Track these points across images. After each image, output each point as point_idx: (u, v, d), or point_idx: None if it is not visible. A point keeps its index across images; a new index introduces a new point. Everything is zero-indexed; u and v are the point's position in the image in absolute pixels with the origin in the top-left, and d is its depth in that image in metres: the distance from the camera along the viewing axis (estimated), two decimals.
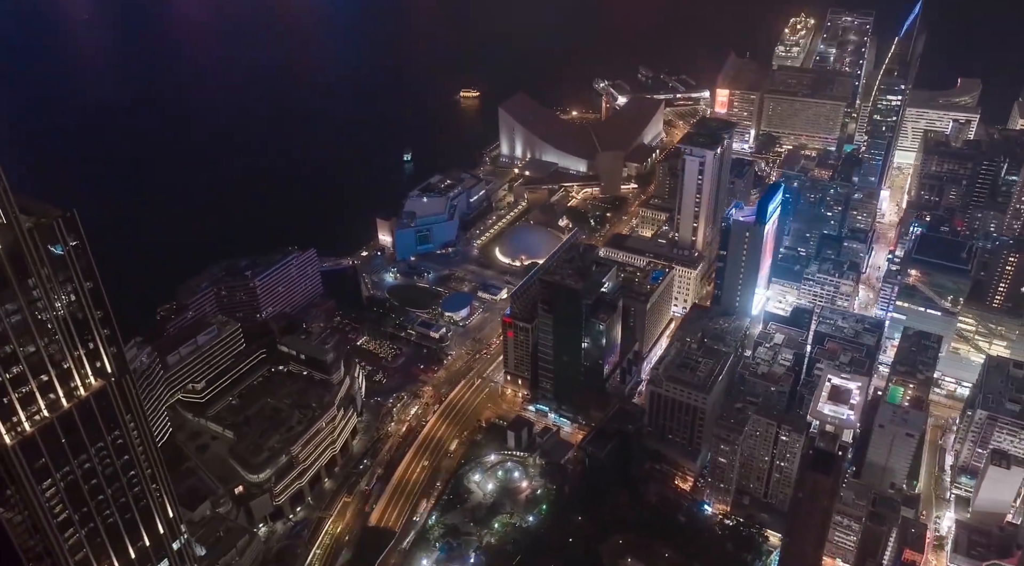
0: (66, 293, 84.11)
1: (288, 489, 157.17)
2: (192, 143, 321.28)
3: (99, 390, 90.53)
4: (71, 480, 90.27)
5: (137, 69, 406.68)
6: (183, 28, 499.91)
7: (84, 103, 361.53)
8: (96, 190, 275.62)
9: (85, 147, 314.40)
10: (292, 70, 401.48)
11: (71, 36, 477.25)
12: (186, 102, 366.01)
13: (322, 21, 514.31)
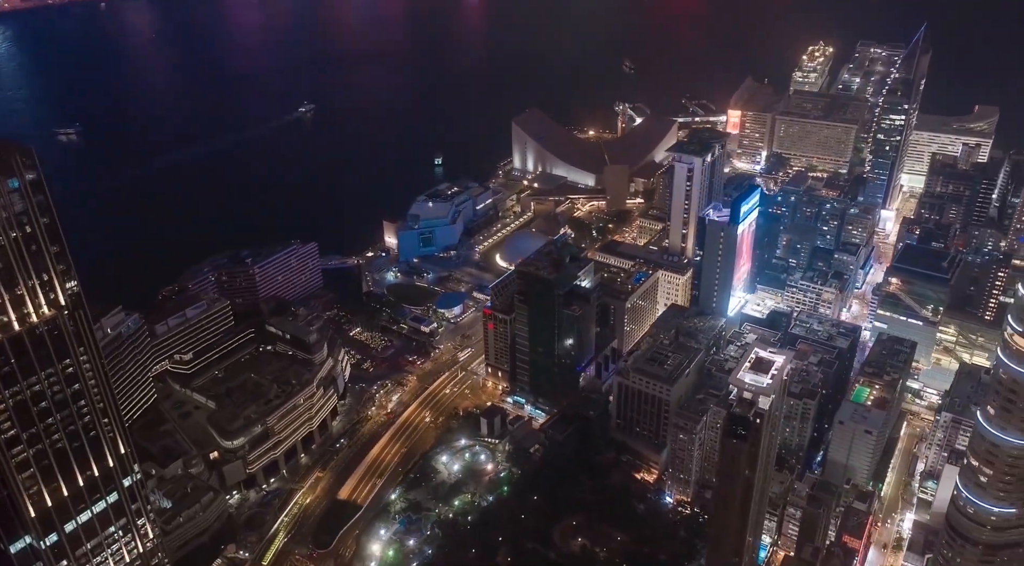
0: (21, 224, 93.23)
1: (261, 458, 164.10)
2: (238, 147, 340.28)
3: (51, 319, 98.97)
4: (20, 400, 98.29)
5: (191, 78, 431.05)
6: (235, 41, 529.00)
7: (144, 105, 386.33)
8: (140, 182, 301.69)
9: (138, 147, 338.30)
10: (341, 80, 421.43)
11: (141, 51, 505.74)
12: (232, 107, 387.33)
13: (374, 33, 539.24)
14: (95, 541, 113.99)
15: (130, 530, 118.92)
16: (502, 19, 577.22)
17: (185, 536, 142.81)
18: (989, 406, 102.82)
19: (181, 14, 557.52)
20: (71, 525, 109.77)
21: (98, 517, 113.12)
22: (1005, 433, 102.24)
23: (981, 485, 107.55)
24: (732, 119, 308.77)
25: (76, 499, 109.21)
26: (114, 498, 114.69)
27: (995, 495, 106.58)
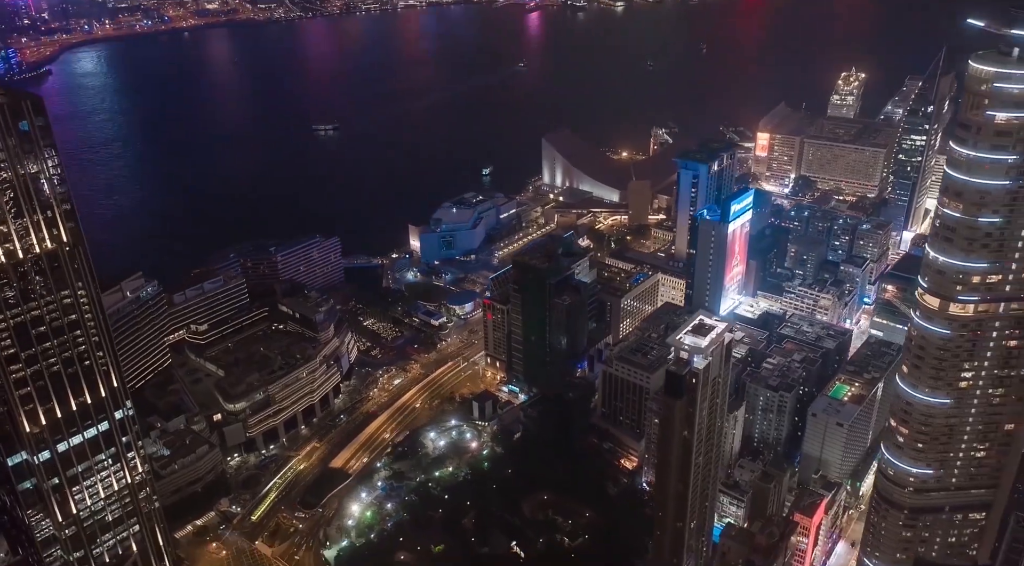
0: (29, 163, 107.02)
1: (261, 424, 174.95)
2: (301, 155, 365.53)
3: (52, 252, 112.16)
4: (20, 322, 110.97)
5: (269, 93, 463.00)
6: (308, 60, 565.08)
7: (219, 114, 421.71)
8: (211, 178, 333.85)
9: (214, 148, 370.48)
10: (407, 94, 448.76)
11: (225, 74, 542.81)
12: (304, 116, 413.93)
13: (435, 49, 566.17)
14: (85, 464, 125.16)
15: (119, 460, 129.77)
16: (560, 38, 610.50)
17: (178, 482, 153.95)
18: (903, 365, 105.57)
19: (259, 42, 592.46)
20: (63, 445, 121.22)
21: (89, 442, 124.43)
22: (916, 391, 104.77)
23: (899, 446, 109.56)
24: (760, 141, 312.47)
25: (68, 422, 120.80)
26: (105, 427, 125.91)
27: (911, 455, 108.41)
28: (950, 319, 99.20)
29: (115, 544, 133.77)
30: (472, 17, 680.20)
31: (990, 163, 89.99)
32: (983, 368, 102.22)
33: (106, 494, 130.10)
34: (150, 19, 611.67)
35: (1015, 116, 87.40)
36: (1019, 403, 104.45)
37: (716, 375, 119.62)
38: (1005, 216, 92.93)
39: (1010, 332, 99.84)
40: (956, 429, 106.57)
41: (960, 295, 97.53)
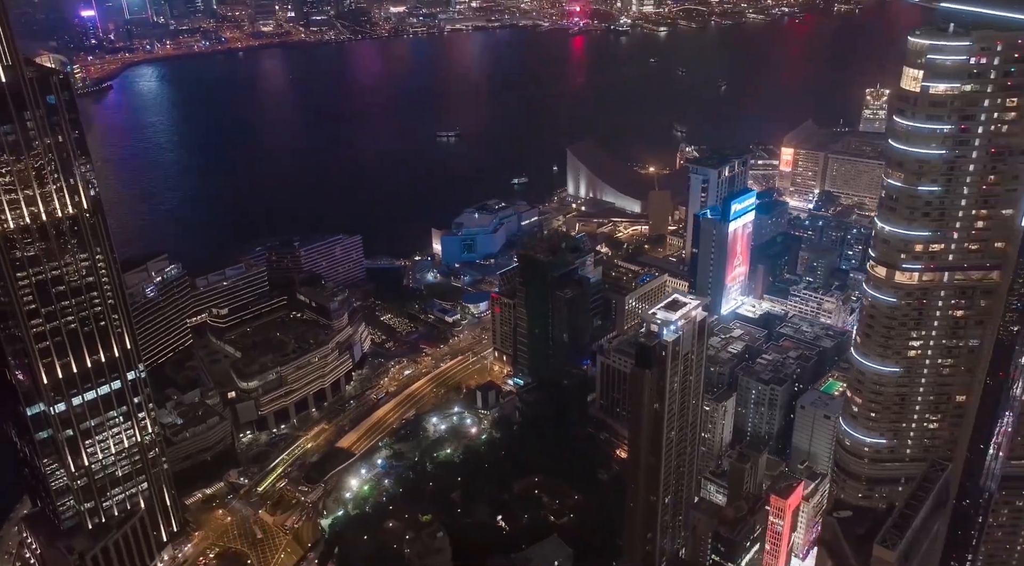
0: (54, 133, 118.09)
1: (273, 403, 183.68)
2: (347, 164, 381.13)
3: (72, 216, 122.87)
4: (41, 279, 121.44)
5: (324, 108, 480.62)
6: (356, 76, 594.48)
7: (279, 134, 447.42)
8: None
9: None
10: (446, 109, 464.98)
11: (278, 88, 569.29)
12: (352, 126, 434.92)
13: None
14: (97, 420, 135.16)
15: (130, 419, 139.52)
16: (602, 58, 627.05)
17: (189, 450, 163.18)
18: (856, 336, 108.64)
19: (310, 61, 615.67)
20: (78, 399, 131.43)
21: (102, 398, 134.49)
22: (867, 360, 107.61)
23: (854, 415, 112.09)
24: (785, 157, 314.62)
25: (83, 378, 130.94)
26: (117, 386, 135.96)
27: (865, 424, 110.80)
28: (896, 287, 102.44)
29: (124, 499, 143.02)
30: (518, 40, 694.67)
31: (927, 133, 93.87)
32: (931, 337, 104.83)
33: (116, 450, 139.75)
34: (208, 40, 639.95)
35: (948, 87, 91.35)
36: (968, 374, 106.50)
37: (688, 350, 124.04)
38: (943, 185, 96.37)
39: (955, 302, 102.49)
40: (908, 399, 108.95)
41: (904, 264, 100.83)
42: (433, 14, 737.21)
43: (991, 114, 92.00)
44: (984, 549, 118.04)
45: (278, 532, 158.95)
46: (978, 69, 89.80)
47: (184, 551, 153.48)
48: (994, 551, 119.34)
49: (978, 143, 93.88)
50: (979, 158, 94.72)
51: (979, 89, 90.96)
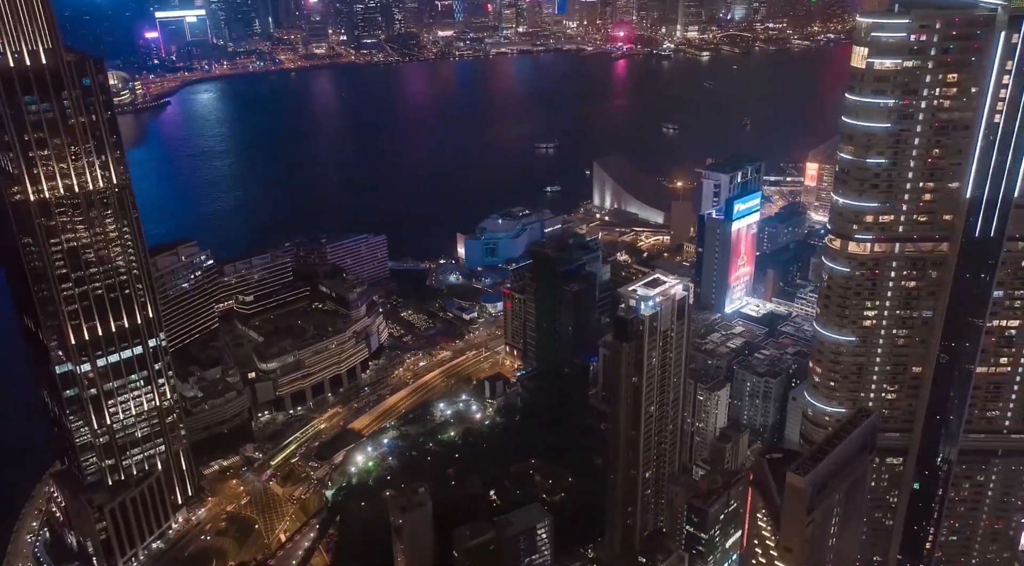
0: (88, 113, 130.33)
1: (290, 384, 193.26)
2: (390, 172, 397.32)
3: (102, 190, 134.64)
4: (71, 246, 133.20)
5: (370, 121, 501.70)
6: (404, 95, 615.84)
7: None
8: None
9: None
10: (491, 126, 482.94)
11: (334, 106, 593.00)
12: (395, 138, 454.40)
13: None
14: (120, 381, 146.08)
15: (150, 383, 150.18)
16: (643, 80, 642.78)
17: (206, 421, 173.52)
18: (817, 308, 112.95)
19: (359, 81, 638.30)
20: (102, 361, 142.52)
21: (124, 362, 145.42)
22: (826, 330, 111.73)
23: (815, 385, 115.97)
24: (810, 172, 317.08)
25: (108, 341, 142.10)
26: (139, 351, 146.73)
27: (825, 394, 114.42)
28: (850, 258, 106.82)
29: (143, 459, 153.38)
30: (561, 63, 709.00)
31: (873, 107, 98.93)
32: (885, 307, 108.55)
33: (136, 412, 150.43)
34: (263, 61, 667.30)
35: (891, 63, 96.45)
36: (923, 346, 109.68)
37: (667, 328, 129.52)
38: (890, 158, 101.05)
39: (907, 273, 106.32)
40: (865, 369, 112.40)
41: (857, 234, 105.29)
42: (480, 39, 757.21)
43: (933, 89, 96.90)
44: (947, 524, 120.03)
45: (286, 502, 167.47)
46: (918, 46, 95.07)
47: (198, 514, 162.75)
48: (958, 527, 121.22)
49: (922, 117, 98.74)
50: (923, 132, 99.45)
51: (920, 65, 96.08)
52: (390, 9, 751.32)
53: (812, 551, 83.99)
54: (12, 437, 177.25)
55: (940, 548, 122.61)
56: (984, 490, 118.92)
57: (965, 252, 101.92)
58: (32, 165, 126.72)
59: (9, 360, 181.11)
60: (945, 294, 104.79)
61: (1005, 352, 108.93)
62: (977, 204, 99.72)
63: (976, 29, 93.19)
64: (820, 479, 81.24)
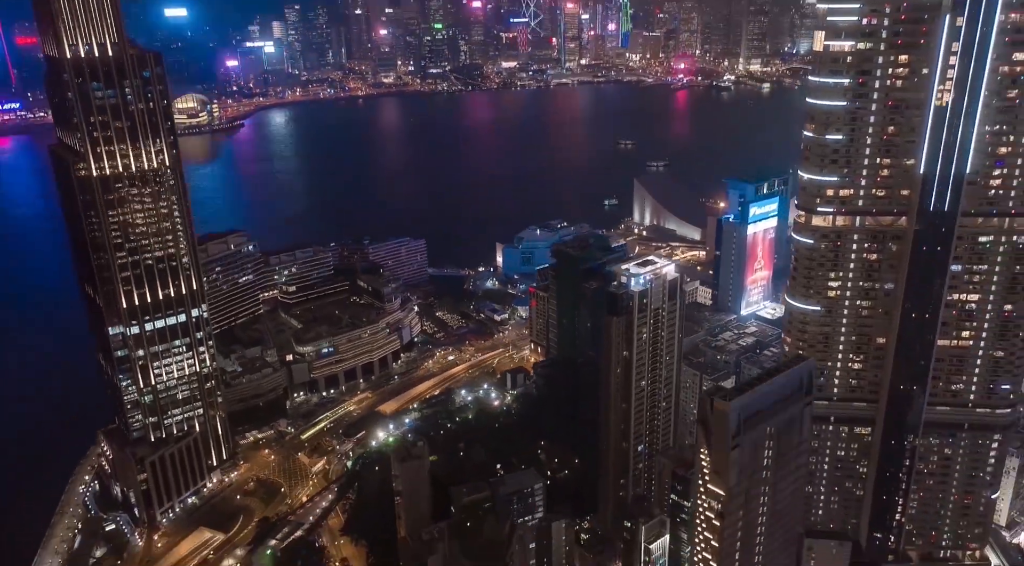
0: (146, 100, 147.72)
1: (324, 368, 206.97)
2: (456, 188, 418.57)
3: (156, 170, 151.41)
4: (127, 219, 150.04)
5: (433, 142, 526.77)
6: (470, 118, 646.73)
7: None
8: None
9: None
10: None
11: (399, 129, 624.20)
12: (456, 156, 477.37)
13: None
14: (164, 346, 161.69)
15: (192, 350, 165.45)
16: (702, 110, 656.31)
17: (244, 393, 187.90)
18: (788, 280, 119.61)
19: (423, 106, 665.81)
20: (150, 326, 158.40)
21: (169, 328, 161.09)
22: (794, 300, 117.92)
23: (784, 356, 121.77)
24: None
25: (155, 307, 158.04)
26: (183, 319, 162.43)
27: None
28: (813, 230, 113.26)
29: (182, 420, 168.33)
30: (621, 93, 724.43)
31: (830, 87, 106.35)
32: (848, 279, 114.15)
33: (178, 375, 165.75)
34: (333, 88, 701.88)
35: (846, 44, 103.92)
36: (886, 317, 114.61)
37: (659, 306, 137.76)
38: (847, 134, 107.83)
39: (868, 245, 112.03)
40: (831, 338, 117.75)
41: (819, 207, 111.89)
42: (542, 70, 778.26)
43: (886, 70, 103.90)
44: (916, 497, 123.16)
45: (311, 470, 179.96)
46: (870, 29, 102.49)
47: (231, 477, 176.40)
48: (927, 500, 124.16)
49: (876, 96, 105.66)
50: (878, 110, 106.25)
51: (872, 46, 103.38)
52: (456, 42, 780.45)
53: (741, 478, 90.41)
54: (75, 400, 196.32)
55: (910, 521, 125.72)
56: (952, 464, 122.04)
57: (922, 226, 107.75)
58: (96, 145, 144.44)
59: (77, 331, 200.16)
60: (905, 267, 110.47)
61: (966, 325, 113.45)
62: (931, 180, 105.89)
63: (924, 13, 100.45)
64: (747, 409, 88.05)
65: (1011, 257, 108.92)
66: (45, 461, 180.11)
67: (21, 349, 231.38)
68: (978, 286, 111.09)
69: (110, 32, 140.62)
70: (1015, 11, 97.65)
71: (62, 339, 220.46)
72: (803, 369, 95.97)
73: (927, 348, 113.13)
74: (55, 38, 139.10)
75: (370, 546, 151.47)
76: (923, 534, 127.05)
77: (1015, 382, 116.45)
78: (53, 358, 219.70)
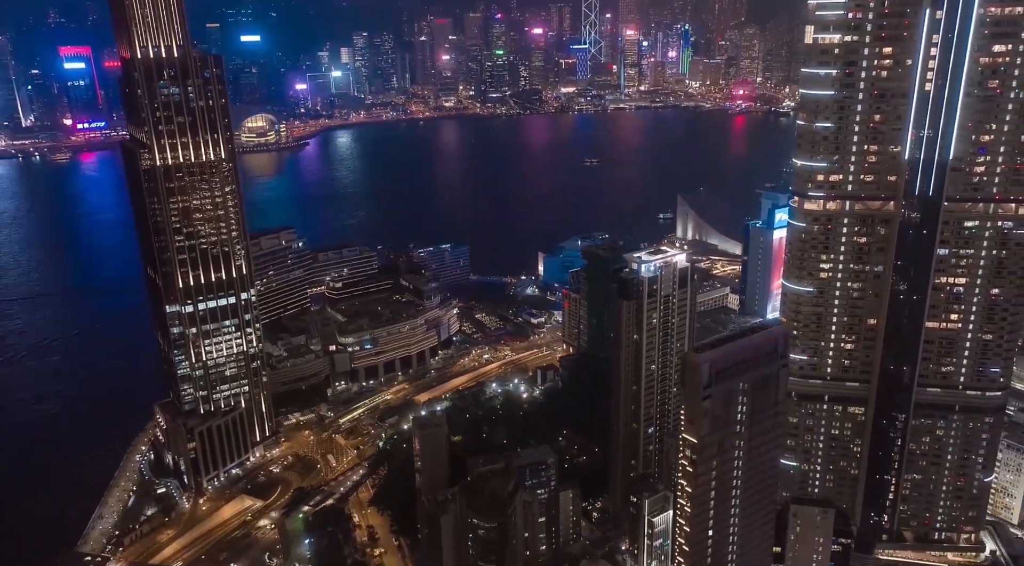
0: (207, 98, 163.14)
1: (365, 359, 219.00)
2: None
3: (213, 162, 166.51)
4: (185, 206, 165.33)
5: (491, 162, 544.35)
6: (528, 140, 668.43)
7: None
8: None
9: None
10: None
11: (456, 148, 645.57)
12: (513, 174, 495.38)
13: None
14: (215, 325, 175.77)
15: (240, 330, 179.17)
16: (759, 134, 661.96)
17: (288, 377, 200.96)
18: (784, 264, 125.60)
19: (482, 128, 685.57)
20: (203, 305, 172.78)
21: (220, 308, 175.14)
22: (789, 281, 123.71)
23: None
24: None
25: (208, 289, 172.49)
26: (232, 301, 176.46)
27: (790, 342, 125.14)
28: (806, 213, 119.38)
29: (230, 396, 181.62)
30: (679, 118, 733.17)
31: (820, 77, 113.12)
32: (839, 261, 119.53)
33: (227, 353, 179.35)
34: (396, 111, 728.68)
35: (833, 37, 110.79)
36: (876, 299, 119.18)
37: (668, 293, 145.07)
38: (836, 122, 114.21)
39: (858, 229, 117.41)
40: (824, 319, 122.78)
41: (811, 192, 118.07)
42: (601, 95, 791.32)
43: (871, 61, 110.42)
44: (910, 477, 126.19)
45: (346, 450, 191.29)
46: (856, 22, 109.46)
47: (272, 452, 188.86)
48: (920, 481, 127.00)
49: (862, 86, 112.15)
50: (865, 99, 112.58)
51: (858, 39, 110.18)
52: (517, 67, 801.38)
53: (714, 428, 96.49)
54: (137, 378, 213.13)
55: (905, 502, 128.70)
56: (944, 446, 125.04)
57: (908, 211, 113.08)
58: (160, 137, 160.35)
59: (143, 318, 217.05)
60: (893, 250, 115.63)
61: (954, 308, 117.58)
62: (916, 166, 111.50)
63: (906, 7, 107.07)
64: (719, 362, 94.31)
65: (996, 242, 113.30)
66: (109, 431, 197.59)
67: (98, 333, 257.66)
68: (965, 270, 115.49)
69: (176, 36, 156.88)
70: (994, 5, 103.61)
71: (131, 324, 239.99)
72: (777, 333, 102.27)
73: (915, 330, 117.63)
74: (129, 41, 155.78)
75: (393, 515, 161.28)
76: (918, 515, 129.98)
77: (1004, 366, 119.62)
78: (123, 340, 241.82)
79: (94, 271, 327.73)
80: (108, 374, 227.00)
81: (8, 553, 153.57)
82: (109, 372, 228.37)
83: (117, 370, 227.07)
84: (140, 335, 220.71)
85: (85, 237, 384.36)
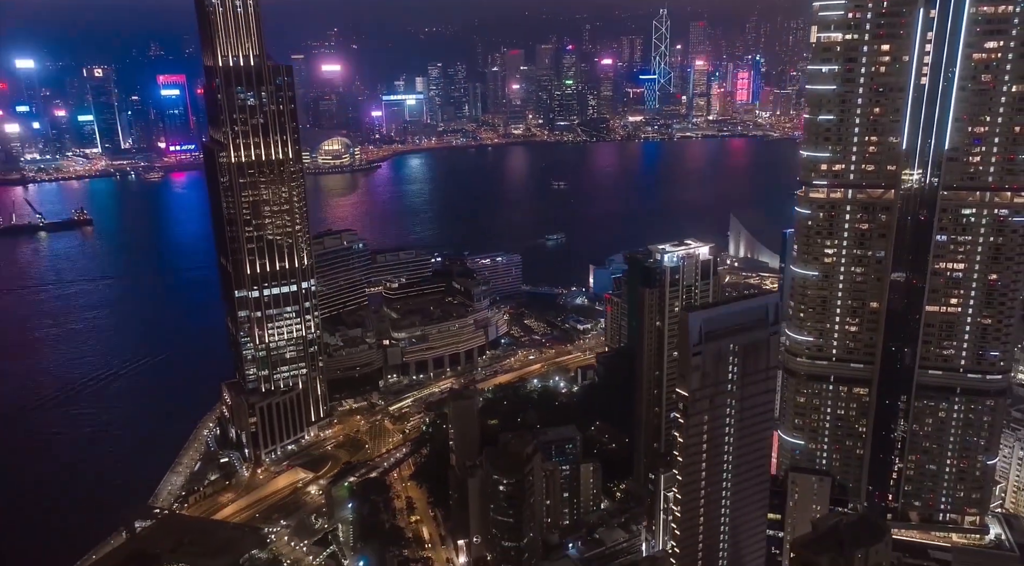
0: (278, 103, 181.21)
1: (415, 353, 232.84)
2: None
3: (280, 160, 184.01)
4: (255, 199, 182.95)
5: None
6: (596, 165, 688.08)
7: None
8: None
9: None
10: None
11: (525, 172, 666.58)
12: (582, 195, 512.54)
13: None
14: (277, 310, 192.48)
15: (300, 316, 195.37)
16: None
17: (343, 364, 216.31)
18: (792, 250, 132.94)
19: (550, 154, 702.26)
20: (267, 291, 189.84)
21: (283, 295, 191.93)
22: (796, 266, 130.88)
23: (790, 317, 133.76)
24: None
25: (272, 276, 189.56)
26: (294, 289, 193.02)
27: (798, 324, 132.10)
28: (810, 201, 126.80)
29: (288, 377, 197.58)
30: (746, 147, 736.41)
31: (823, 73, 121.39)
32: (842, 247, 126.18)
33: (287, 337, 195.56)
34: (466, 137, 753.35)
35: (835, 35, 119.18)
36: (878, 283, 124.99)
37: (691, 283, 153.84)
38: (838, 115, 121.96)
39: (860, 216, 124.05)
40: (828, 302, 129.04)
41: (815, 181, 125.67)
42: (668, 124, 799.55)
43: (870, 58, 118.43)
44: (913, 459, 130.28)
45: (393, 433, 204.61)
46: (855, 21, 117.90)
47: (325, 433, 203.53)
48: (924, 462, 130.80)
49: (862, 81, 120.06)
50: (864, 93, 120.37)
51: (858, 37, 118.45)
52: (585, 97, 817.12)
53: (704, 383, 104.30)
54: (210, 360, 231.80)
55: (909, 482, 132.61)
56: (946, 427, 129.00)
57: (907, 199, 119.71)
58: (236, 137, 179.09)
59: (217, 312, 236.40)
60: (893, 236, 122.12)
61: (954, 293, 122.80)
62: (913, 155, 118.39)
63: (902, 7, 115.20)
64: (710, 322, 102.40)
65: (992, 229, 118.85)
66: (182, 407, 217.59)
67: (183, 324, 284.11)
68: (963, 256, 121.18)
69: (253, 46, 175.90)
70: (985, 4, 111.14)
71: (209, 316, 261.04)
72: (768, 300, 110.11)
73: (916, 313, 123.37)
74: (212, 51, 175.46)
75: (431, 489, 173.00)
76: (922, 496, 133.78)
77: (1004, 350, 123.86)
78: (199, 328, 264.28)
79: (178, 273, 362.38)
80: (190, 357, 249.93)
81: (92, 502, 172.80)
82: (187, 355, 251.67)
83: (194, 353, 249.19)
84: (214, 322, 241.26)
85: (171, 243, 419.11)
